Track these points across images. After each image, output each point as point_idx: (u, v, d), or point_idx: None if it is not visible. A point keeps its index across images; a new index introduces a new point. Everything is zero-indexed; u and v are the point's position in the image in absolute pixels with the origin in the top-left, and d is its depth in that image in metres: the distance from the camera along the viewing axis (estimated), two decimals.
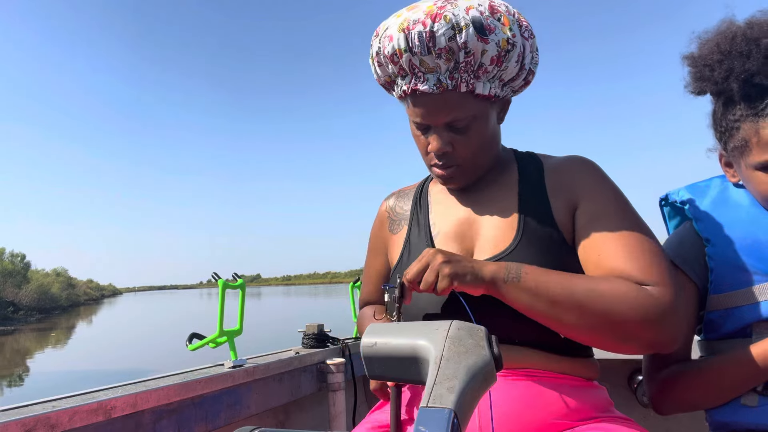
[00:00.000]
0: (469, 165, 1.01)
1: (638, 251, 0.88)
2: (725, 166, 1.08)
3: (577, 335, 0.87)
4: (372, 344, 0.66)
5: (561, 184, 1.00)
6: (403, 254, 1.10)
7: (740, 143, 0.99)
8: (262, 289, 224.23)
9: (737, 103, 0.99)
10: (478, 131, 0.98)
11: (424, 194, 1.17)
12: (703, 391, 1.01)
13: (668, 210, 1.22)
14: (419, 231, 1.10)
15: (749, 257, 1.00)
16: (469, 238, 1.02)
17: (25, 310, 61.76)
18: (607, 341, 0.86)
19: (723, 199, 1.08)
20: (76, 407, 1.09)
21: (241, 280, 1.61)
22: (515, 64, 0.95)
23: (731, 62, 0.98)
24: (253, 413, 1.56)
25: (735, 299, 1.01)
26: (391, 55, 0.94)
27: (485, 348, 0.59)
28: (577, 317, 0.84)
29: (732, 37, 0.99)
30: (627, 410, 1.82)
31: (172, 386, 1.30)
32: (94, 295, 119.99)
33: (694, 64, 1.04)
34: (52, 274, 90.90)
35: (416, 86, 0.94)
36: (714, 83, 1.01)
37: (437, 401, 0.52)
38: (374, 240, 1.24)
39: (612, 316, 0.83)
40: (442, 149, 0.98)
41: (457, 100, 0.94)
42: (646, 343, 0.84)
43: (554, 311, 0.85)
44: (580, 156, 1.05)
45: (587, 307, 0.83)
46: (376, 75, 1.04)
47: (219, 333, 1.53)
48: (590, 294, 0.84)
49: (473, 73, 0.92)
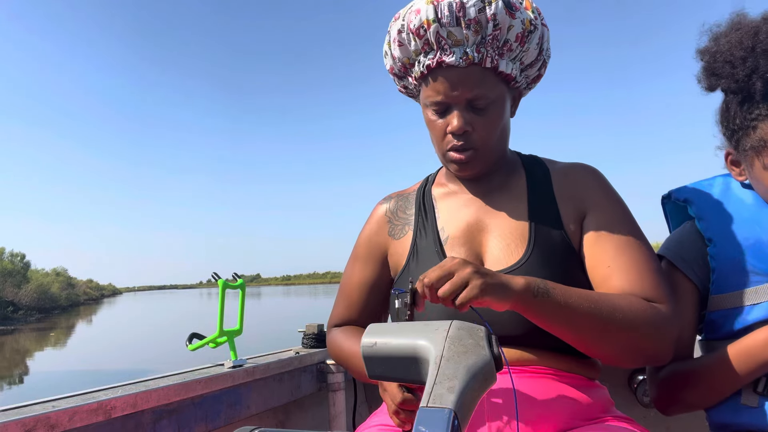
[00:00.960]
0: (486, 150, 1.00)
1: (645, 269, 0.92)
2: (731, 165, 1.07)
3: (592, 349, 0.88)
4: (372, 344, 0.66)
5: (569, 191, 1.02)
6: (410, 261, 1.07)
7: (757, 143, 0.97)
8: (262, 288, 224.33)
9: (757, 102, 0.96)
10: (497, 115, 0.98)
11: (427, 198, 1.13)
12: (704, 388, 1.01)
13: (670, 208, 1.21)
14: (427, 236, 1.07)
15: (752, 257, 1.00)
16: (478, 244, 1.02)
17: (24, 309, 61.75)
18: (618, 355, 0.88)
19: (726, 198, 1.07)
20: (76, 407, 1.09)
21: (241, 280, 1.61)
22: (536, 47, 0.98)
23: (756, 60, 0.95)
24: (253, 413, 1.56)
25: (737, 299, 1.01)
26: (418, 28, 0.94)
27: (485, 348, 0.59)
28: (599, 333, 0.85)
29: (755, 32, 0.96)
30: (627, 410, 1.82)
31: (172, 386, 1.30)
32: (93, 294, 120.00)
33: (713, 59, 1.01)
34: (52, 273, 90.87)
35: (442, 59, 0.94)
36: (735, 81, 0.98)
37: (437, 401, 0.52)
38: (366, 246, 1.17)
39: (631, 332, 0.85)
40: (463, 128, 0.96)
41: (480, 77, 0.94)
42: (651, 356, 0.90)
43: (578, 327, 0.85)
44: (586, 164, 1.07)
45: (610, 324, 0.85)
46: (391, 61, 1.04)
47: (219, 333, 1.53)
48: (613, 311, 0.85)
49: (498, 50, 0.94)
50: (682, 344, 1.08)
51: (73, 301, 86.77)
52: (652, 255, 0.95)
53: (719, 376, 0.98)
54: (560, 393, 0.89)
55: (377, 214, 1.19)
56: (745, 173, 1.04)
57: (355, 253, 1.19)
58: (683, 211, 1.17)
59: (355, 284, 1.16)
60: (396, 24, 1.00)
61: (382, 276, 1.14)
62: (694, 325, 1.09)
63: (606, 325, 0.84)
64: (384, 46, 1.06)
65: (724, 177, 1.11)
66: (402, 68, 1.03)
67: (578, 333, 0.86)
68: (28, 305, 64.29)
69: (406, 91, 1.11)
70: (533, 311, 0.83)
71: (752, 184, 1.04)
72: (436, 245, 1.04)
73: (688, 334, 1.09)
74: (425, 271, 0.97)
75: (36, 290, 68.67)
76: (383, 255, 1.14)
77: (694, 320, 1.08)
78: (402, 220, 1.14)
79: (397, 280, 1.10)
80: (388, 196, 1.21)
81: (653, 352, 0.89)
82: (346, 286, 1.17)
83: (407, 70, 1.03)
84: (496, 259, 0.98)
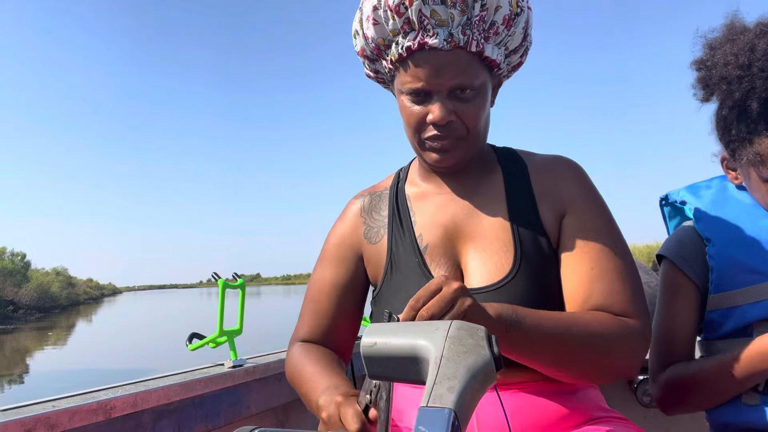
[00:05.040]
0: (470, 139, 0.93)
1: (622, 281, 0.88)
2: (727, 169, 1.08)
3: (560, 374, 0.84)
4: (372, 344, 0.66)
5: (548, 188, 0.96)
6: (388, 271, 0.99)
7: (754, 156, 0.95)
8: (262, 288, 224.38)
9: (754, 120, 0.94)
10: (481, 104, 0.91)
11: (401, 197, 1.04)
12: (705, 390, 1.01)
13: (669, 210, 1.22)
14: (404, 243, 0.99)
15: (750, 257, 1.00)
16: (459, 254, 0.96)
17: (24, 308, 61.77)
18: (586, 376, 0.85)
19: (724, 199, 1.08)
20: (76, 407, 1.09)
21: (241, 280, 1.61)
22: (521, 32, 0.91)
23: (753, 81, 0.93)
24: (253, 413, 1.56)
25: (735, 299, 1.01)
26: (398, 5, 0.85)
27: (485, 348, 0.59)
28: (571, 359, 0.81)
29: (750, 48, 0.94)
30: (627, 410, 1.82)
31: (172, 386, 1.31)
32: (94, 294, 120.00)
33: (708, 74, 0.99)
34: (52, 273, 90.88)
35: (424, 41, 0.85)
36: (731, 98, 0.96)
37: (437, 401, 0.52)
38: (338, 247, 1.06)
39: (604, 356, 0.82)
40: (447, 118, 0.88)
41: (465, 62, 0.87)
42: (620, 375, 0.86)
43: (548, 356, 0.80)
44: (567, 158, 1.01)
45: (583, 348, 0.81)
46: (362, 41, 0.94)
47: (219, 333, 1.53)
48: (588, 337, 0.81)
49: (484, 33, 0.88)
50: (683, 344, 1.08)
51: (73, 300, 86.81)
52: (629, 265, 0.90)
53: (723, 382, 0.98)
54: (547, 399, 0.87)
55: (351, 212, 1.09)
56: (741, 178, 1.04)
57: (324, 254, 1.07)
58: (681, 212, 1.17)
59: (325, 289, 1.04)
60: (369, 1, 0.90)
61: (356, 279, 1.04)
62: (694, 324, 1.09)
63: (578, 350, 0.80)
64: (354, 25, 0.96)
65: (721, 178, 1.12)
66: (375, 50, 0.93)
67: (548, 362, 0.81)
68: (29, 304, 64.32)
69: (376, 76, 1.01)
70: (512, 341, 0.76)
71: (748, 191, 1.04)
72: (417, 255, 0.96)
73: (688, 333, 1.09)
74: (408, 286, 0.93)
75: (36, 289, 68.70)
76: (357, 257, 1.04)
77: (694, 320, 1.09)
78: (377, 222, 1.04)
79: (377, 294, 1.02)
80: (361, 193, 1.11)
81: (622, 372, 0.85)
82: (315, 294, 1.05)
83: (381, 52, 0.93)
84: (480, 273, 0.91)
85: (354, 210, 1.09)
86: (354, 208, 1.09)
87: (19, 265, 75.31)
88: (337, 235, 1.08)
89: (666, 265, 1.12)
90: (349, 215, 1.09)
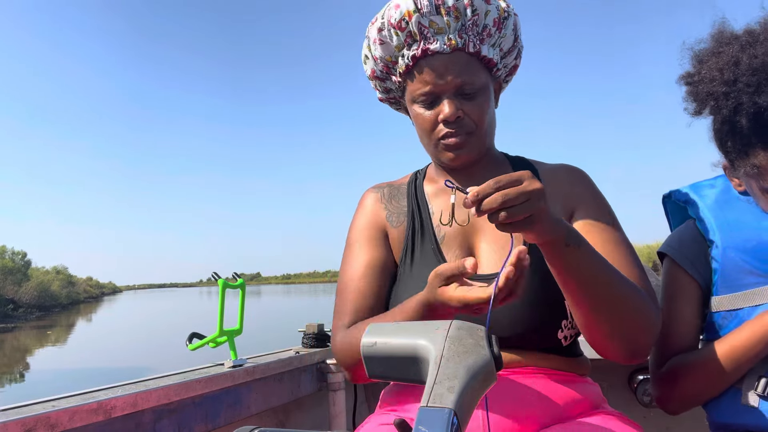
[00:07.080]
0: (480, 132, 1.00)
1: (635, 267, 0.94)
2: (730, 176, 1.07)
3: (596, 323, 0.86)
4: (372, 344, 0.66)
5: (558, 192, 1.03)
6: (405, 254, 1.05)
7: (751, 169, 0.95)
8: (262, 287, 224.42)
9: (746, 134, 0.93)
10: (484, 101, 1.00)
11: (419, 192, 1.11)
12: (701, 378, 1.01)
13: (671, 207, 1.21)
14: (423, 234, 1.05)
15: (753, 259, 1.00)
16: (473, 246, 1.02)
17: (25, 307, 61.82)
18: (613, 337, 0.87)
19: (727, 199, 1.07)
20: (76, 407, 1.09)
21: (241, 280, 1.61)
22: (511, 33, 1.02)
23: (739, 96, 0.92)
24: (253, 413, 1.56)
25: (738, 301, 1.01)
26: (399, 21, 0.97)
27: (485, 348, 0.59)
28: (613, 306, 0.84)
29: (735, 63, 0.93)
30: (627, 410, 1.82)
31: (172, 386, 1.30)
32: (94, 293, 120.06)
33: (696, 90, 0.99)
34: (52, 271, 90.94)
35: (427, 47, 0.97)
36: (720, 114, 0.96)
37: (437, 401, 0.52)
38: (367, 229, 1.09)
39: (638, 317, 0.86)
40: (456, 114, 0.97)
41: (465, 62, 0.97)
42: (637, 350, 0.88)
43: (596, 291, 0.82)
44: (574, 166, 1.09)
45: (626, 300, 0.85)
46: (372, 63, 1.06)
47: (219, 333, 1.53)
48: (633, 290, 0.86)
49: (479, 35, 0.98)
50: (684, 342, 1.08)
51: (73, 299, 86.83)
52: (636, 259, 0.96)
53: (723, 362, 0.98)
54: (549, 390, 0.90)
55: (370, 200, 1.13)
56: (744, 185, 1.04)
57: (352, 241, 1.09)
58: (684, 210, 1.17)
59: (361, 272, 1.04)
60: (374, 26, 1.02)
61: (388, 258, 1.07)
62: (696, 322, 1.09)
63: (619, 294, 0.84)
64: (363, 52, 1.08)
65: (724, 178, 1.11)
66: (384, 68, 1.05)
67: (591, 295, 0.83)
68: (29, 303, 64.36)
69: (388, 96, 1.12)
70: (567, 255, 0.79)
71: (751, 197, 1.04)
72: (432, 243, 1.03)
73: (689, 331, 1.08)
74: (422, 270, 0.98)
75: (36, 288, 68.73)
76: (384, 237, 1.08)
77: (697, 318, 1.08)
78: (397, 209, 1.11)
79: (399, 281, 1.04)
80: (378, 185, 1.17)
81: (641, 347, 0.88)
82: (350, 280, 1.04)
83: (390, 69, 1.05)
84: (491, 261, 0.98)
85: (373, 198, 1.14)
86: (373, 197, 1.14)
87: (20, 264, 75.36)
88: (361, 221, 1.12)
89: (668, 263, 1.12)
90: (369, 203, 1.13)
